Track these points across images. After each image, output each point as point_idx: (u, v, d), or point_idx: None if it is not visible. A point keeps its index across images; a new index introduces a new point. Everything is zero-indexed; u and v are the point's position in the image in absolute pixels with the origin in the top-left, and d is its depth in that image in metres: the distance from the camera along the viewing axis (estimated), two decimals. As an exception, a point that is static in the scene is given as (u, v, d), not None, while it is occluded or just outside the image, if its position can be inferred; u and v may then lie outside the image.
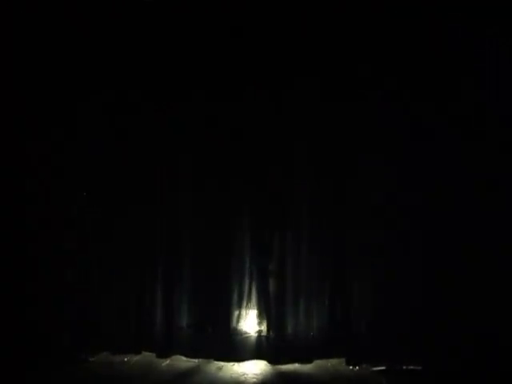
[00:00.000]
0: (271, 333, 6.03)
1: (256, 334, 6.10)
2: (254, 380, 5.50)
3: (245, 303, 6.13)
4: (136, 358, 6.07)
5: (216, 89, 6.23)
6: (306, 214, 6.17)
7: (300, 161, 6.20)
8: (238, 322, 6.12)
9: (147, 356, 6.10)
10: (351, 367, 5.80)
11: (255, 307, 6.14)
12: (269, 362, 5.94)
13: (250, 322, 6.13)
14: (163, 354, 6.07)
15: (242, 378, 5.54)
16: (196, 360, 5.99)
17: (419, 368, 5.64)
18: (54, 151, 6.14)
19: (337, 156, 6.12)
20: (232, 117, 6.24)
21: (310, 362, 5.93)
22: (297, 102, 6.17)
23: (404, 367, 5.65)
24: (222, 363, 5.92)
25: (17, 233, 6.04)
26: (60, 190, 6.15)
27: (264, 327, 6.08)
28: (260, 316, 6.12)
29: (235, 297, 6.14)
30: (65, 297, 6.07)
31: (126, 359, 6.02)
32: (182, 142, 6.29)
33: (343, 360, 5.93)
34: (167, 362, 5.97)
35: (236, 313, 6.14)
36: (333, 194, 6.13)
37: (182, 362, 5.99)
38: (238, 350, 6.04)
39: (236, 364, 5.91)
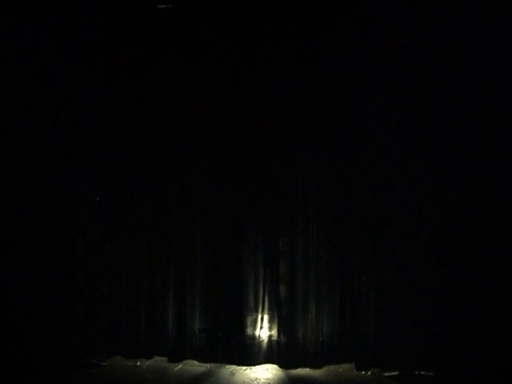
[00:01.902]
0: (282, 337, 6.04)
1: (267, 339, 6.11)
2: (267, 385, 5.57)
3: (256, 308, 6.16)
4: (148, 362, 6.10)
5: (219, 90, 6.33)
6: (316, 219, 6.16)
7: (309, 165, 6.20)
8: (249, 326, 6.15)
9: (159, 360, 6.13)
10: (363, 372, 5.82)
11: (266, 312, 6.15)
12: (280, 366, 5.97)
13: (261, 327, 6.14)
14: (175, 359, 6.09)
15: (255, 383, 5.56)
16: (208, 365, 6.02)
17: (431, 374, 5.67)
18: (66, 154, 6.17)
19: (346, 159, 6.16)
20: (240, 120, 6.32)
21: (320, 367, 5.95)
22: (301, 104, 6.25)
23: (416, 372, 5.68)
24: (234, 368, 5.95)
25: (28, 237, 6.06)
26: (71, 193, 6.18)
27: (275, 332, 6.10)
28: (271, 321, 6.14)
29: (247, 302, 6.17)
30: (77, 302, 6.10)
31: (138, 363, 6.05)
32: (192, 145, 6.35)
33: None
34: (180, 366, 6.01)
35: (248, 318, 6.16)
36: (344, 198, 6.15)
37: (195, 366, 6.03)
38: (250, 354, 6.07)
39: (248, 369, 5.94)
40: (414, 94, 5.98)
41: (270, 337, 6.11)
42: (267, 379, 5.67)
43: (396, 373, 5.69)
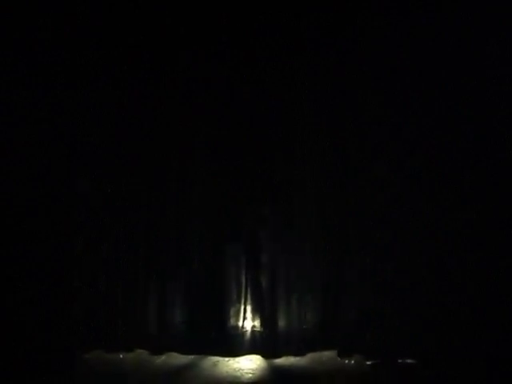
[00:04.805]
0: (266, 328, 6.08)
1: (250, 330, 6.15)
2: (250, 375, 5.54)
3: (239, 299, 6.20)
4: (131, 354, 6.08)
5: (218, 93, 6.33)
6: (298, 213, 6.23)
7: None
8: (232, 317, 6.19)
9: (141, 353, 6.10)
10: (346, 361, 5.81)
11: (249, 302, 6.18)
12: (263, 356, 5.97)
13: (244, 318, 6.17)
14: (157, 351, 6.07)
15: (238, 374, 5.57)
16: (191, 356, 6.00)
17: (414, 361, 5.66)
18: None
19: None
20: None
21: (303, 354, 5.95)
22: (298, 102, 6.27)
23: (399, 361, 5.68)
24: (217, 359, 5.93)
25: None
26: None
27: (258, 322, 6.14)
28: (254, 311, 6.17)
29: (229, 292, 6.21)
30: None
31: (121, 356, 6.04)
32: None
33: (338, 353, 5.96)
34: (163, 358, 5.99)
35: (230, 308, 6.20)
36: (335, 194, 6.20)
37: (178, 358, 6.01)
38: (233, 345, 6.08)
39: (232, 360, 5.92)
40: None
41: (253, 327, 6.15)
42: (250, 369, 5.69)
43: (379, 361, 5.70)
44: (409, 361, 5.68)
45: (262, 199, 6.32)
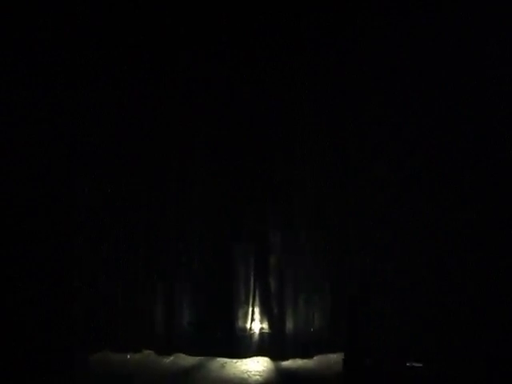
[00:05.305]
0: (273, 330, 6.10)
1: (258, 331, 6.16)
2: (257, 377, 5.56)
3: (247, 301, 6.19)
4: (138, 355, 6.08)
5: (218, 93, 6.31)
6: (307, 214, 6.23)
7: (297, 157, 6.27)
8: (240, 319, 6.18)
9: (149, 354, 6.12)
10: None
11: (257, 304, 6.19)
12: (271, 358, 5.99)
13: (252, 320, 6.17)
14: (164, 352, 6.08)
15: (246, 376, 5.59)
16: (199, 357, 6.01)
17: (420, 365, 5.69)
18: (63, 154, 6.14)
19: (343, 158, 6.20)
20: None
21: (310, 357, 5.97)
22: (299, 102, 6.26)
23: (407, 364, 5.69)
24: (225, 360, 5.94)
25: (25, 236, 5.98)
26: (68, 193, 6.16)
27: (266, 324, 6.15)
28: (262, 313, 6.18)
29: (237, 294, 6.20)
30: (74, 301, 6.09)
31: (128, 356, 6.04)
32: (190, 144, 6.36)
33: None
34: (170, 359, 6.00)
35: (238, 310, 6.19)
36: (335, 194, 6.21)
37: (185, 359, 6.01)
38: (241, 347, 6.09)
39: (239, 361, 5.93)
40: (412, 92, 5.99)
41: (261, 329, 6.16)
42: (258, 371, 5.70)
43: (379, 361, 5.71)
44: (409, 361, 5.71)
45: (262, 199, 6.30)
